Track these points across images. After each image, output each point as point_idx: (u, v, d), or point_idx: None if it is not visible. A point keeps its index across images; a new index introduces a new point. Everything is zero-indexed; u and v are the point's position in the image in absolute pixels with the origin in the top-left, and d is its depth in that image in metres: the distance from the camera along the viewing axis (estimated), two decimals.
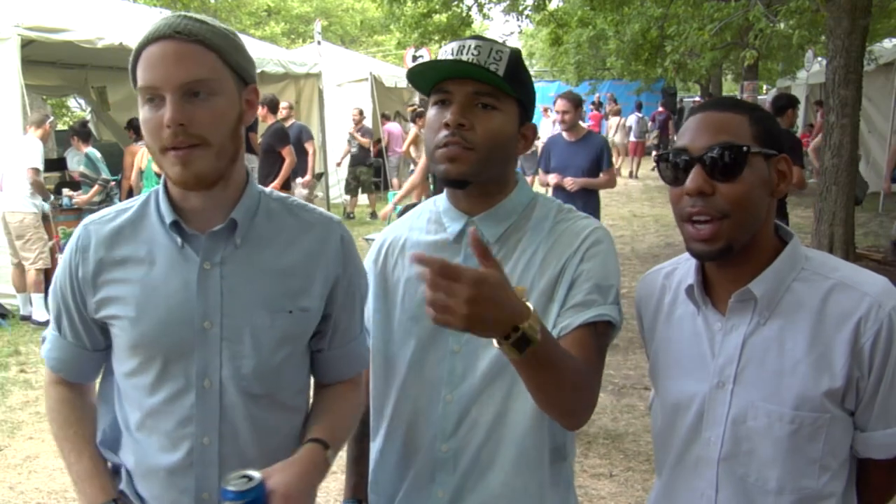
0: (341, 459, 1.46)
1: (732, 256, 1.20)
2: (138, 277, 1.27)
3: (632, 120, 17.49)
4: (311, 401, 1.44)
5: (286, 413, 1.34)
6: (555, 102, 5.39)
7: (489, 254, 1.01)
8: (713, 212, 1.17)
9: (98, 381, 1.42)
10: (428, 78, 1.32)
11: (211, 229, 1.26)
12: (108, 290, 1.28)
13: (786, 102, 6.66)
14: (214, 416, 1.27)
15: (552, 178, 5.16)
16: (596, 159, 5.08)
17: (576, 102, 5.23)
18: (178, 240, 1.26)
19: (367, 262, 1.49)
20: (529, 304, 1.05)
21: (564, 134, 5.26)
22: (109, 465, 1.36)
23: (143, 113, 1.20)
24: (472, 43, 1.29)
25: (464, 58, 1.28)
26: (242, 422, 1.28)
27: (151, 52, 1.18)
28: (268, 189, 1.37)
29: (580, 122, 5.34)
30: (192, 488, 1.27)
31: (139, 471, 1.32)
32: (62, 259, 1.34)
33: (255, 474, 1.16)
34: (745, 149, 1.16)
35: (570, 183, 5.00)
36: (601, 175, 5.12)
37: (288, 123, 8.40)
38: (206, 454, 1.27)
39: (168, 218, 1.26)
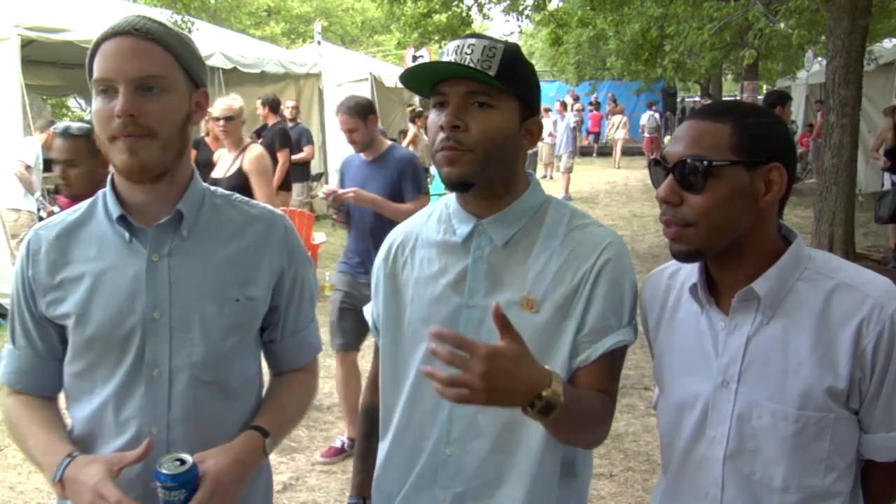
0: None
1: (714, 257, 1.22)
2: (88, 275, 1.31)
3: (645, 118, 18.94)
4: (262, 391, 1.48)
5: (235, 402, 1.38)
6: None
7: (509, 326, 1.05)
8: (679, 220, 1.20)
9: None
10: (424, 81, 1.32)
11: (157, 222, 1.30)
12: (61, 290, 1.32)
13: (775, 99, 6.64)
14: (163, 405, 1.30)
15: (324, 189, 3.87)
16: (394, 183, 3.68)
17: (363, 113, 3.73)
18: (126, 234, 1.31)
19: (377, 261, 1.49)
20: (551, 369, 1.09)
21: (362, 154, 3.85)
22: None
23: (95, 104, 1.25)
24: (467, 42, 1.29)
25: (458, 58, 1.27)
26: (190, 410, 1.31)
27: (108, 46, 1.24)
28: (212, 187, 1.42)
29: (379, 137, 3.88)
30: (141, 477, 1.28)
31: None
32: (14, 269, 1.36)
33: (188, 458, 1.20)
34: (705, 163, 1.16)
35: (351, 195, 3.64)
36: (408, 203, 3.63)
37: (292, 124, 8.39)
38: (154, 442, 1.28)
39: (115, 213, 1.31)
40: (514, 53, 1.30)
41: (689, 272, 1.32)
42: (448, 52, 1.30)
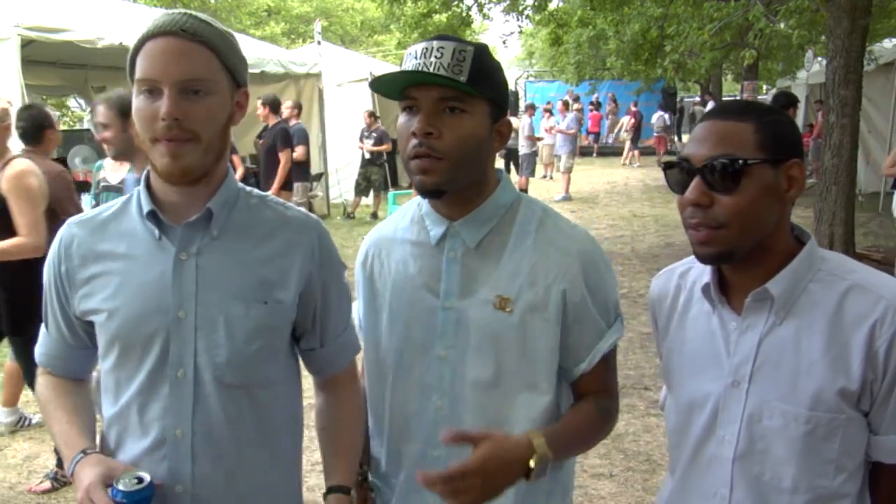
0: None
1: (741, 259, 1.21)
2: (117, 271, 1.29)
3: (655, 118, 19.85)
4: (297, 399, 1.44)
5: (264, 411, 1.34)
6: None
7: (471, 434, 1.16)
8: (711, 222, 1.18)
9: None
10: (394, 86, 1.30)
11: (187, 220, 1.28)
12: (90, 285, 1.31)
13: (785, 101, 6.63)
14: (188, 407, 1.27)
15: None
16: None
17: (125, 110, 2.87)
18: (156, 231, 1.29)
19: (356, 264, 1.50)
20: (529, 436, 1.19)
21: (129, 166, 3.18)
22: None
23: (137, 103, 1.22)
24: (436, 45, 1.27)
25: (428, 61, 1.25)
26: (216, 414, 1.28)
27: (154, 46, 1.21)
28: (248, 188, 1.40)
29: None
30: (165, 480, 1.27)
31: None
32: (48, 259, 1.36)
33: (146, 477, 1.17)
34: (740, 162, 1.15)
35: None
36: None
37: (291, 124, 8.40)
38: (179, 446, 1.27)
39: (146, 208, 1.29)
40: (483, 55, 1.29)
41: (701, 272, 1.32)
42: (416, 54, 1.27)
